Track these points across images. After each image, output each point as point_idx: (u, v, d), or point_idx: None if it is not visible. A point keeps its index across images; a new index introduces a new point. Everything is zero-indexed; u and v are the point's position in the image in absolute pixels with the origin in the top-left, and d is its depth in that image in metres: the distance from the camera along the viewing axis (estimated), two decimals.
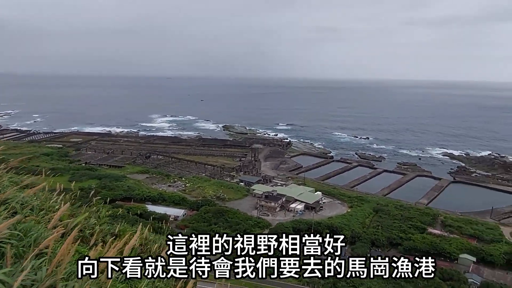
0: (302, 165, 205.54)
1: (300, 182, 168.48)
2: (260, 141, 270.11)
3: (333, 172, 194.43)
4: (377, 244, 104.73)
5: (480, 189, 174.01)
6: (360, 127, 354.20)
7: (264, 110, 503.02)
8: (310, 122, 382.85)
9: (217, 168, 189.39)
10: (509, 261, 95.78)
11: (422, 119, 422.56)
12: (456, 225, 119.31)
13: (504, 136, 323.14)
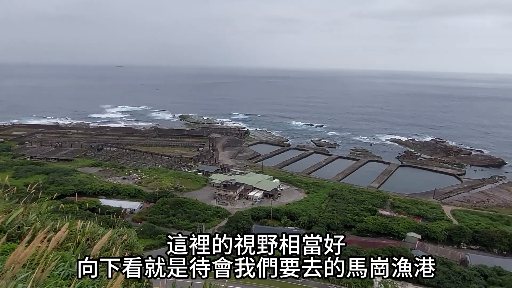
0: (260, 154, 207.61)
1: (258, 170, 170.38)
2: (218, 131, 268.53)
3: (290, 159, 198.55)
4: (333, 228, 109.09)
5: (424, 172, 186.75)
6: (316, 116, 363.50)
7: (222, 99, 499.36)
8: (268, 111, 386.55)
9: (174, 159, 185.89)
10: (449, 237, 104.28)
11: (374, 108, 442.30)
12: (404, 206, 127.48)
13: (444, 122, 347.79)
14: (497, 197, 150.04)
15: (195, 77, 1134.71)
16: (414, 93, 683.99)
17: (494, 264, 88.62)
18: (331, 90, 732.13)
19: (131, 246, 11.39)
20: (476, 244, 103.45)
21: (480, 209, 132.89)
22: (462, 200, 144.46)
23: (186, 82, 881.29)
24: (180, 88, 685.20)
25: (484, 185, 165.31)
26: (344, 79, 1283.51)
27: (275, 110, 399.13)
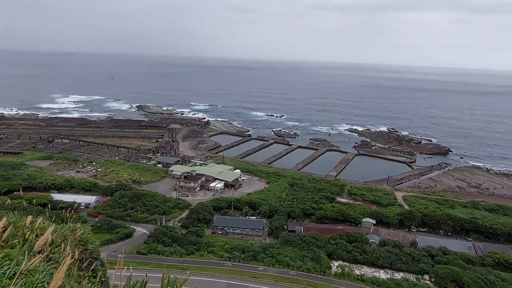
0: (221, 144, 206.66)
1: (220, 160, 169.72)
2: (178, 121, 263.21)
3: (251, 149, 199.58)
4: (293, 216, 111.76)
5: (379, 160, 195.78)
6: (277, 106, 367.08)
7: (182, 89, 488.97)
8: (229, 102, 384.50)
9: (132, 150, 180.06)
10: (401, 221, 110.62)
11: (332, 99, 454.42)
12: (360, 193, 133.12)
13: (398, 113, 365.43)
14: (443, 182, 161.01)
15: (153, 66, 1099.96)
16: (371, 85, 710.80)
17: (440, 245, 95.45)
18: (291, 81, 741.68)
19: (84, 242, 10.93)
20: (425, 226, 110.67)
21: (428, 194, 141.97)
22: (413, 186, 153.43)
23: (144, 71, 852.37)
24: (138, 77, 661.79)
25: (432, 171, 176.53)
26: (304, 70, 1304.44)
27: (236, 100, 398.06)
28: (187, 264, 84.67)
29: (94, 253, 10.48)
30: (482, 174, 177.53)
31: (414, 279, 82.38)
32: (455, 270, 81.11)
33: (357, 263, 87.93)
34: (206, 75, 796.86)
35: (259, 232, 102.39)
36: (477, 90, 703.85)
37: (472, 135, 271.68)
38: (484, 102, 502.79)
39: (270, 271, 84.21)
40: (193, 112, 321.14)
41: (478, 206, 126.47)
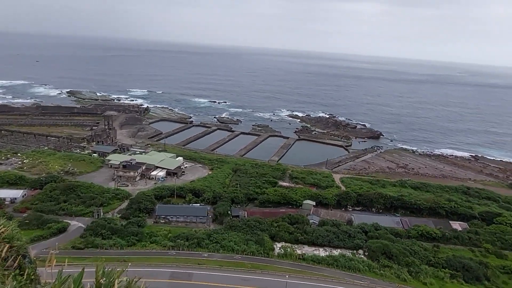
0: (161, 131, 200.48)
1: (161, 148, 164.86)
2: (114, 108, 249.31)
3: (193, 136, 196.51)
4: (237, 201, 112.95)
5: (318, 145, 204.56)
6: (219, 93, 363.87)
7: (117, 74, 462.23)
8: (169, 88, 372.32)
9: (63, 140, 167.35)
10: (338, 201, 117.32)
11: (274, 86, 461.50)
12: (301, 176, 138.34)
13: (335, 99, 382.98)
14: (376, 164, 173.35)
15: (86, 48, 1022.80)
16: (311, 72, 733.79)
17: (373, 221, 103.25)
18: (234, 67, 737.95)
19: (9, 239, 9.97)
20: (359, 205, 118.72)
21: (363, 176, 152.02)
22: (349, 169, 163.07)
23: (74, 53, 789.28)
24: (67, 60, 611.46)
25: (366, 154, 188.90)
26: (246, 56, 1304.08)
27: (177, 86, 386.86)
28: (129, 256, 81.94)
29: (21, 250, 9.61)
30: (408, 155, 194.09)
31: (350, 254, 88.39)
32: (385, 244, 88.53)
33: (298, 243, 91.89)
34: (144, 60, 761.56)
35: (203, 219, 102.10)
36: (405, 78, 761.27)
37: (400, 120, 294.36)
38: (411, 89, 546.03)
39: (215, 257, 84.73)
40: (131, 98, 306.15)
41: (405, 185, 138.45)
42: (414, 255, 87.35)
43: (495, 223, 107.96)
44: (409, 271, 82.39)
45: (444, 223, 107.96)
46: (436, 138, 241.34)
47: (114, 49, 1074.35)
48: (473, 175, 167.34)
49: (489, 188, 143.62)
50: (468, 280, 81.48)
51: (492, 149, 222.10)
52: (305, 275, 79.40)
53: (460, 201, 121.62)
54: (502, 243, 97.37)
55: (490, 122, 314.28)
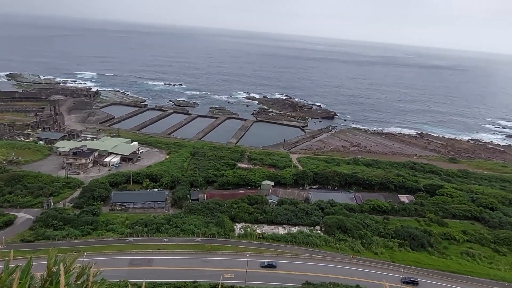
0: (114, 116, 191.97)
1: (114, 133, 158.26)
2: (61, 92, 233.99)
3: (148, 120, 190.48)
4: (196, 185, 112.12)
5: (275, 126, 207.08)
6: (174, 75, 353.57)
7: (63, 55, 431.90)
8: (120, 70, 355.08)
9: (4, 127, 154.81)
10: (296, 181, 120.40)
11: (231, 68, 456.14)
12: (259, 158, 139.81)
13: (291, 81, 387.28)
14: (331, 143, 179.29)
15: (24, 27, 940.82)
16: (266, 54, 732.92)
17: (329, 198, 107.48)
18: (189, 48, 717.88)
19: None
20: (316, 183, 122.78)
21: (319, 155, 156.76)
22: (305, 148, 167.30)
23: (12, 33, 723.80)
24: (4, 40, 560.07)
25: (321, 134, 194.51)
26: (201, 37, 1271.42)
27: (129, 69, 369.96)
28: (84, 246, 79.10)
29: None
30: (361, 134, 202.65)
31: (308, 230, 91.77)
32: (340, 219, 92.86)
33: (258, 223, 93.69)
34: (92, 40, 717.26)
35: (161, 204, 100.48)
36: (358, 60, 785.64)
37: (353, 101, 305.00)
38: (364, 71, 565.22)
39: (175, 241, 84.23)
40: (79, 81, 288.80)
41: (358, 162, 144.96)
42: (366, 228, 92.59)
43: (437, 194, 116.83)
44: (362, 243, 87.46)
45: (393, 196, 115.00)
46: (386, 117, 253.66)
47: (59, 28, 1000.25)
48: (418, 151, 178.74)
49: (433, 163, 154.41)
50: (414, 248, 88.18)
51: (436, 127, 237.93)
52: (265, 253, 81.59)
53: (407, 175, 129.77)
54: (444, 212, 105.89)
55: (434, 101, 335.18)
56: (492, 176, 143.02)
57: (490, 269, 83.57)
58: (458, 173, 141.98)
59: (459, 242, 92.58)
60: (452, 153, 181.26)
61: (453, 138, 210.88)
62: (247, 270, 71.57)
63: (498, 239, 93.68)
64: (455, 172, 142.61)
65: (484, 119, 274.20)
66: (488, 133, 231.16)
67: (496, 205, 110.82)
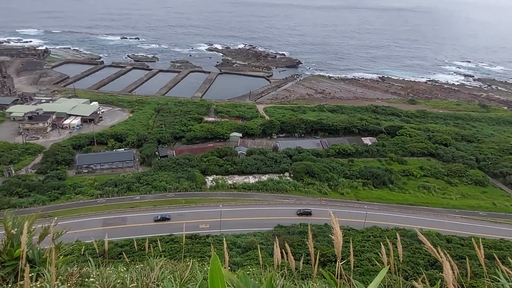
0: (68, 76, 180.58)
1: (71, 94, 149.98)
2: (5, 52, 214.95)
3: (107, 78, 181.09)
4: (163, 141, 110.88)
5: (240, 77, 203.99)
6: (130, 28, 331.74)
7: (2, 12, 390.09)
8: (70, 26, 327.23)
9: None
10: (263, 131, 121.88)
11: (191, 19, 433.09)
12: (226, 110, 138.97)
13: (254, 30, 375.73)
14: (296, 92, 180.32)
15: None
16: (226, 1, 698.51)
17: (296, 145, 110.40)
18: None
19: None
20: (283, 132, 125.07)
21: (285, 104, 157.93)
22: (271, 98, 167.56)
23: None
24: None
25: (286, 83, 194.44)
26: None
27: (79, 24, 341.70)
28: (53, 210, 77.91)
29: None
30: (325, 81, 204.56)
31: (277, 178, 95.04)
32: (308, 164, 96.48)
33: (229, 174, 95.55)
34: None
35: (130, 163, 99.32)
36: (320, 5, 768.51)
37: (317, 48, 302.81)
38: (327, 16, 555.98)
39: (148, 198, 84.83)
40: (24, 40, 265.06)
41: (323, 109, 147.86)
42: (332, 171, 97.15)
43: (398, 135, 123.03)
44: (329, 185, 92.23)
45: (357, 139, 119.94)
46: (349, 63, 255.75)
47: None
48: (380, 94, 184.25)
49: (393, 105, 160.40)
50: (377, 186, 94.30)
51: (396, 70, 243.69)
52: (238, 202, 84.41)
53: (370, 119, 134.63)
54: (403, 151, 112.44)
55: (395, 45, 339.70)
56: (447, 115, 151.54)
57: (443, 199, 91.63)
58: (416, 113, 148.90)
59: (416, 177, 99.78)
60: (411, 95, 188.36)
61: (412, 80, 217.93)
62: (221, 220, 74.17)
63: (451, 172, 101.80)
64: (413, 113, 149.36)
65: (442, 60, 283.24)
66: (444, 74, 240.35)
67: (450, 141, 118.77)
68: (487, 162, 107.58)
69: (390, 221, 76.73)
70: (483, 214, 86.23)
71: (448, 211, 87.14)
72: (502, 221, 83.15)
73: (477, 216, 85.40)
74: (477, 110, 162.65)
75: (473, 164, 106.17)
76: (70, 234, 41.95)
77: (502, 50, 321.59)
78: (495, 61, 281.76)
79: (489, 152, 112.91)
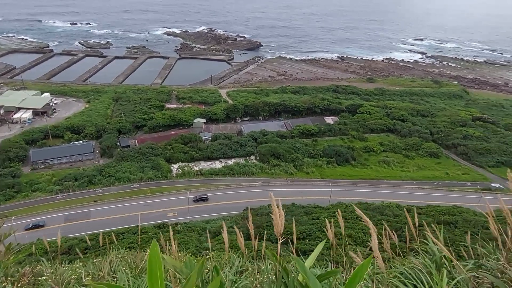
0: (14, 66, 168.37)
1: (19, 86, 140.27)
2: None
3: (57, 68, 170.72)
4: (124, 131, 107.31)
5: (201, 61, 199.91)
6: (80, 13, 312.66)
7: None
8: (8, 12, 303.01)
9: None
10: (227, 115, 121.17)
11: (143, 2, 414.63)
12: (187, 96, 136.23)
13: (211, 12, 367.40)
14: (258, 74, 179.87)
15: None
16: None
17: (260, 128, 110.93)
18: None
19: None
20: (247, 116, 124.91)
21: (247, 87, 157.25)
22: (234, 82, 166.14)
23: None
24: None
25: (248, 66, 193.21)
26: None
27: (21, 10, 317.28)
28: (10, 210, 73.81)
29: None
30: (286, 62, 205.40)
31: (243, 161, 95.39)
32: (273, 146, 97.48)
33: (195, 161, 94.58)
34: None
35: (89, 156, 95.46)
36: None
37: (277, 29, 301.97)
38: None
39: (112, 190, 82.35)
40: None
41: (286, 91, 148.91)
42: (297, 151, 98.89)
43: (358, 113, 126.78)
44: (295, 165, 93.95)
45: (320, 119, 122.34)
46: (310, 45, 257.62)
47: None
48: (340, 74, 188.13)
49: (353, 84, 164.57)
50: (340, 163, 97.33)
51: (355, 49, 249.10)
52: (205, 188, 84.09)
53: (331, 98, 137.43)
54: (364, 128, 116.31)
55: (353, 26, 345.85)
56: (403, 91, 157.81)
57: (402, 172, 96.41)
58: (375, 91, 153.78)
59: (377, 153, 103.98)
60: (369, 73, 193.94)
61: (370, 59, 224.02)
62: (189, 207, 73.69)
63: (408, 146, 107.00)
64: (372, 91, 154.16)
65: (397, 39, 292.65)
66: (400, 52, 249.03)
67: (406, 116, 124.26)
68: (440, 134, 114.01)
69: (354, 196, 79.75)
70: (437, 184, 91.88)
71: (407, 183, 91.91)
72: (454, 188, 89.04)
73: (433, 185, 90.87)
74: (430, 86, 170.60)
75: (427, 137, 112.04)
76: (31, 233, 40.54)
77: (454, 28, 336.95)
78: (446, 39, 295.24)
79: (442, 125, 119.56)
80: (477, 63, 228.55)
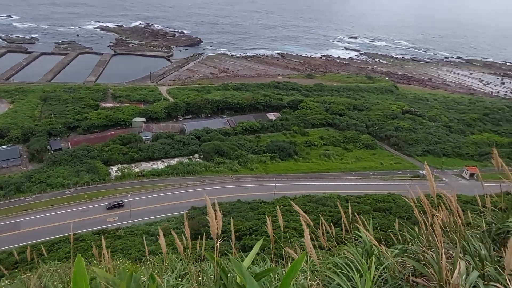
0: None
1: None
2: None
3: None
4: (55, 133, 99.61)
5: (138, 58, 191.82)
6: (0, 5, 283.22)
7: None
8: None
9: None
10: (168, 113, 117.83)
11: None
12: (125, 94, 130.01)
13: (152, 6, 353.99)
14: (199, 71, 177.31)
15: None
16: None
17: (203, 126, 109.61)
18: None
19: None
20: (189, 114, 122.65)
21: (188, 84, 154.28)
22: (174, 79, 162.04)
23: None
24: None
25: (189, 63, 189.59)
26: None
27: None
28: None
29: None
30: (228, 59, 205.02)
31: (187, 160, 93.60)
32: (217, 144, 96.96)
33: (135, 162, 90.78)
34: None
35: (16, 161, 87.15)
36: None
37: (217, 26, 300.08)
38: None
39: (43, 198, 76.06)
40: None
41: (228, 88, 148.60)
42: (241, 148, 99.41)
43: (299, 108, 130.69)
44: (239, 162, 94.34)
45: (262, 116, 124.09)
46: (250, 42, 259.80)
47: None
48: (281, 70, 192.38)
49: (293, 80, 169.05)
50: (283, 158, 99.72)
51: (294, 46, 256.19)
52: (148, 189, 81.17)
53: (273, 95, 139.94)
54: (305, 123, 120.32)
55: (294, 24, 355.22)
56: (340, 87, 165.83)
57: (341, 164, 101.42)
58: (314, 87, 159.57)
59: (318, 146, 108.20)
60: (308, 70, 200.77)
61: (309, 56, 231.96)
62: (131, 210, 70.66)
63: (346, 139, 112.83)
64: (312, 86, 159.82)
65: (334, 37, 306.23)
66: (336, 49, 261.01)
67: (344, 111, 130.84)
68: (375, 127, 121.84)
69: (297, 189, 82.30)
70: (373, 173, 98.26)
71: (346, 174, 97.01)
72: (388, 177, 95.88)
73: (369, 176, 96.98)
74: (364, 81, 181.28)
75: (363, 130, 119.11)
76: None
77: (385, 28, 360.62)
78: (378, 38, 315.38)
79: (375, 119, 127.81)
80: (405, 60, 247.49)
